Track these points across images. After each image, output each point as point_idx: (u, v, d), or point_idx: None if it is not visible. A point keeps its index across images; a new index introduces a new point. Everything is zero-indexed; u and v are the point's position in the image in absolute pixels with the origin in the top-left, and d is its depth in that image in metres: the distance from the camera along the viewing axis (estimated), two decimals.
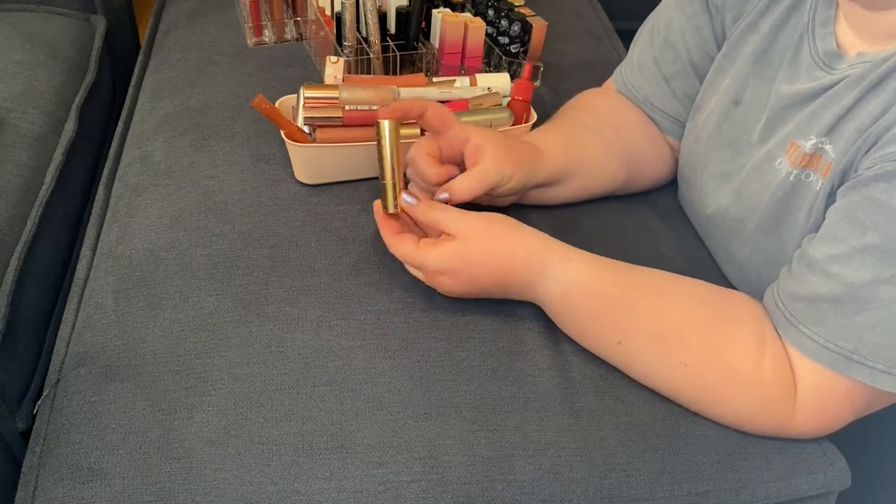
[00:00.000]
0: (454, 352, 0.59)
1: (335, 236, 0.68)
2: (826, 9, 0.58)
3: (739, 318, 0.56)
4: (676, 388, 0.56)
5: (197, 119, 0.81)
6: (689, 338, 0.55)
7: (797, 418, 0.54)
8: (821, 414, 0.53)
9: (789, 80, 0.59)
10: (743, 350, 0.54)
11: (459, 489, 0.52)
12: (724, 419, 0.56)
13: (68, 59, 0.99)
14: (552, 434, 0.55)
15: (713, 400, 0.56)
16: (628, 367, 0.58)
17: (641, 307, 0.57)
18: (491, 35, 0.88)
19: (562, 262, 0.57)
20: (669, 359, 0.55)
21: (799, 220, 0.57)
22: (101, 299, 0.64)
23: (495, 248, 0.57)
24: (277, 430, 0.54)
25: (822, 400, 0.53)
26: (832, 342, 0.51)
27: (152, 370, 0.58)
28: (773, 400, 0.53)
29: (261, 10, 0.92)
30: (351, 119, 0.69)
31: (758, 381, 0.53)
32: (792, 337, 0.53)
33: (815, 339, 0.51)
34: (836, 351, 0.50)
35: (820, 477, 0.55)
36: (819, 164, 0.55)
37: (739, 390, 0.54)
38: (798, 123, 0.57)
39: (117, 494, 0.51)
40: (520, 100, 0.74)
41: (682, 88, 0.71)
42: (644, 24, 0.75)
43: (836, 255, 0.50)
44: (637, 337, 0.56)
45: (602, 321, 0.57)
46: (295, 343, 0.59)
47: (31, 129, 0.86)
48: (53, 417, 0.57)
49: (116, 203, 0.74)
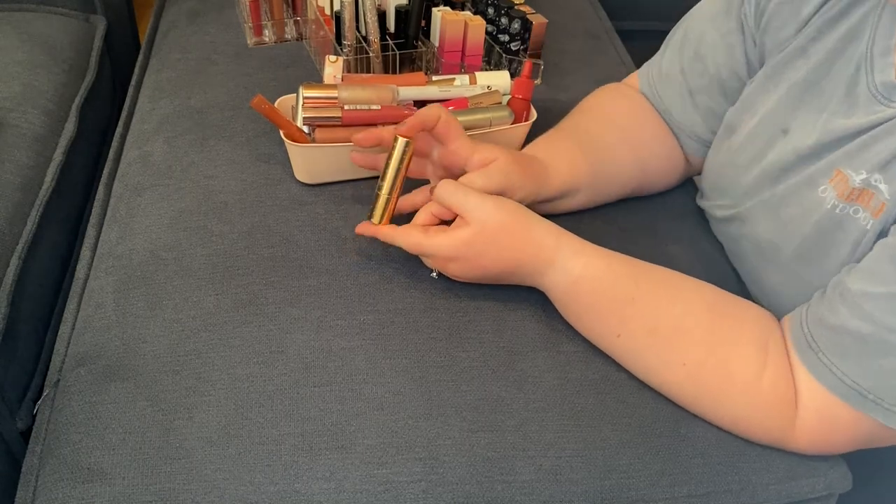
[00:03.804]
0: (454, 352, 0.59)
1: (335, 236, 0.68)
2: (886, 38, 0.54)
3: (744, 326, 0.56)
4: (675, 386, 0.56)
5: (197, 119, 0.81)
6: (690, 338, 0.55)
7: (797, 435, 0.53)
8: (822, 438, 0.53)
9: (845, 114, 0.56)
10: (743, 357, 0.54)
11: (459, 489, 0.52)
12: (722, 422, 0.56)
13: (68, 59, 0.99)
14: (552, 435, 0.55)
15: (711, 401, 0.55)
16: (628, 361, 0.58)
17: (646, 303, 0.56)
18: (491, 33, 0.88)
19: (572, 256, 0.58)
20: (669, 357, 0.55)
21: (841, 254, 0.54)
22: (101, 299, 0.64)
23: (507, 241, 0.58)
24: (277, 430, 0.54)
25: (826, 425, 0.52)
26: (850, 377, 0.50)
27: (152, 370, 0.58)
28: (770, 410, 0.53)
29: (261, 9, 0.92)
30: (350, 118, 0.69)
31: (756, 389, 0.53)
32: (809, 362, 0.52)
33: (833, 370, 0.51)
34: (853, 387, 0.50)
35: (821, 480, 0.55)
36: (870, 201, 0.52)
37: (737, 396, 0.54)
38: (847, 152, 0.54)
39: (117, 494, 0.51)
40: (520, 98, 0.74)
41: (705, 103, 0.69)
42: (676, 29, 0.72)
43: (872, 294, 0.49)
44: (637, 332, 0.56)
45: (604, 314, 0.57)
46: (295, 343, 0.59)
47: (31, 129, 0.86)
48: (53, 417, 0.57)
49: (116, 203, 0.74)
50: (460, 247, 0.57)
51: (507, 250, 0.58)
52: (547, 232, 0.59)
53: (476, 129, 0.71)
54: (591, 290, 0.57)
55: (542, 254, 0.58)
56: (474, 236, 0.57)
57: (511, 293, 0.63)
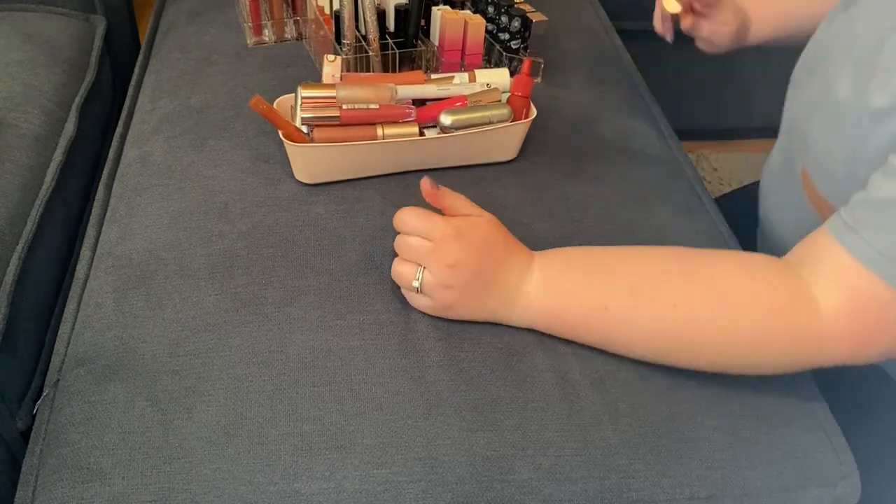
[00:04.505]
0: (454, 352, 0.59)
1: (335, 236, 0.68)
2: None
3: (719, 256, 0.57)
4: (677, 337, 0.54)
5: (197, 119, 0.81)
6: (670, 282, 0.55)
7: (829, 326, 0.50)
8: (855, 324, 0.49)
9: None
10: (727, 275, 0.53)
11: (459, 489, 0.52)
12: (742, 354, 0.53)
13: (68, 59, 0.99)
14: (552, 434, 0.55)
15: (717, 332, 0.53)
16: (624, 335, 0.57)
17: (618, 266, 0.58)
18: (491, 31, 0.88)
19: (542, 255, 0.60)
20: (658, 306, 0.54)
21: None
22: (101, 299, 0.64)
23: (498, 235, 0.60)
24: (277, 430, 0.54)
25: (861, 306, 0.49)
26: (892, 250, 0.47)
27: (152, 370, 0.58)
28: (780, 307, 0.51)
29: (261, 9, 0.92)
30: (349, 118, 0.69)
31: (755, 292, 0.51)
32: (847, 241, 0.50)
33: (873, 244, 0.48)
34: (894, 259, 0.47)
35: (829, 490, 0.55)
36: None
37: (738, 308, 0.52)
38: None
39: (117, 494, 0.51)
40: (519, 95, 0.74)
41: None
42: None
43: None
44: (620, 296, 0.56)
45: (585, 293, 0.57)
46: (295, 343, 0.59)
47: (31, 129, 0.86)
48: (53, 417, 0.57)
49: (116, 203, 0.74)
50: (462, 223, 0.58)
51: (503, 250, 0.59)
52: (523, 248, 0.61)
53: (475, 128, 0.71)
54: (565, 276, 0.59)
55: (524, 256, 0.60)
56: (475, 220, 0.59)
57: None
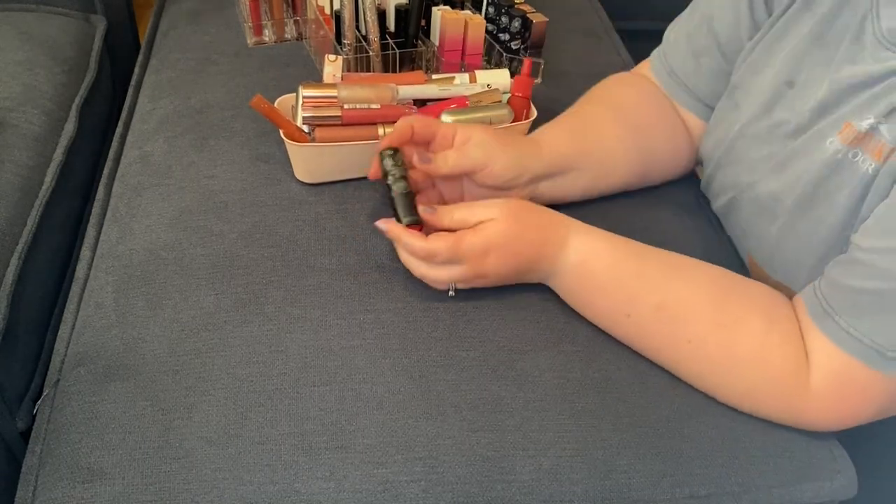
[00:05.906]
0: (454, 352, 0.59)
1: (335, 236, 0.68)
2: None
3: (750, 301, 0.56)
4: (682, 363, 0.57)
5: (197, 119, 0.81)
6: (696, 315, 0.55)
7: (812, 405, 0.52)
8: (839, 404, 0.52)
9: (851, 61, 0.55)
10: (749, 329, 0.54)
11: (459, 489, 0.52)
12: (733, 399, 0.56)
13: (68, 59, 0.99)
14: (552, 434, 0.55)
15: (719, 376, 0.55)
16: (635, 340, 0.59)
17: (652, 278, 0.57)
18: (491, 32, 0.88)
19: (585, 234, 0.60)
20: (675, 334, 0.56)
21: (839, 199, 0.54)
22: (101, 299, 0.64)
23: (530, 219, 0.59)
24: (277, 430, 0.54)
25: (843, 389, 0.51)
26: (868, 336, 0.49)
27: (152, 370, 0.58)
28: (781, 378, 0.52)
29: (261, 9, 0.92)
30: (350, 118, 0.69)
31: (762, 359, 0.52)
32: (825, 325, 0.52)
33: (850, 331, 0.50)
34: (870, 346, 0.49)
35: (826, 485, 0.55)
36: (871, 144, 0.52)
37: (744, 365, 0.53)
38: (858, 105, 0.54)
39: (117, 494, 0.51)
40: (519, 96, 0.74)
41: (708, 65, 0.69)
42: None
43: (885, 249, 0.48)
44: (645, 309, 0.57)
45: (613, 293, 0.58)
46: (295, 343, 0.59)
47: (31, 129, 0.86)
48: (53, 417, 0.57)
49: (116, 203, 0.74)
50: (495, 237, 0.57)
51: (533, 229, 0.59)
52: (556, 213, 0.61)
53: None
54: (600, 267, 0.58)
55: (558, 230, 0.59)
56: (504, 223, 0.58)
57: (511, 293, 0.63)
